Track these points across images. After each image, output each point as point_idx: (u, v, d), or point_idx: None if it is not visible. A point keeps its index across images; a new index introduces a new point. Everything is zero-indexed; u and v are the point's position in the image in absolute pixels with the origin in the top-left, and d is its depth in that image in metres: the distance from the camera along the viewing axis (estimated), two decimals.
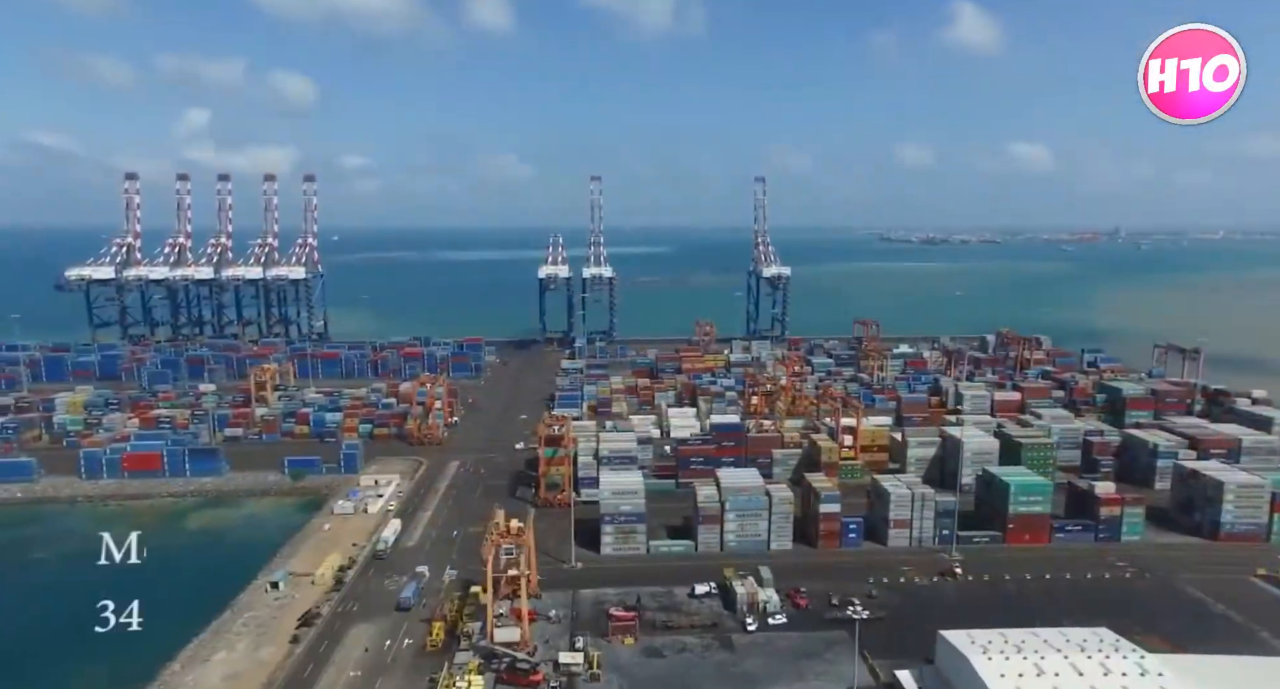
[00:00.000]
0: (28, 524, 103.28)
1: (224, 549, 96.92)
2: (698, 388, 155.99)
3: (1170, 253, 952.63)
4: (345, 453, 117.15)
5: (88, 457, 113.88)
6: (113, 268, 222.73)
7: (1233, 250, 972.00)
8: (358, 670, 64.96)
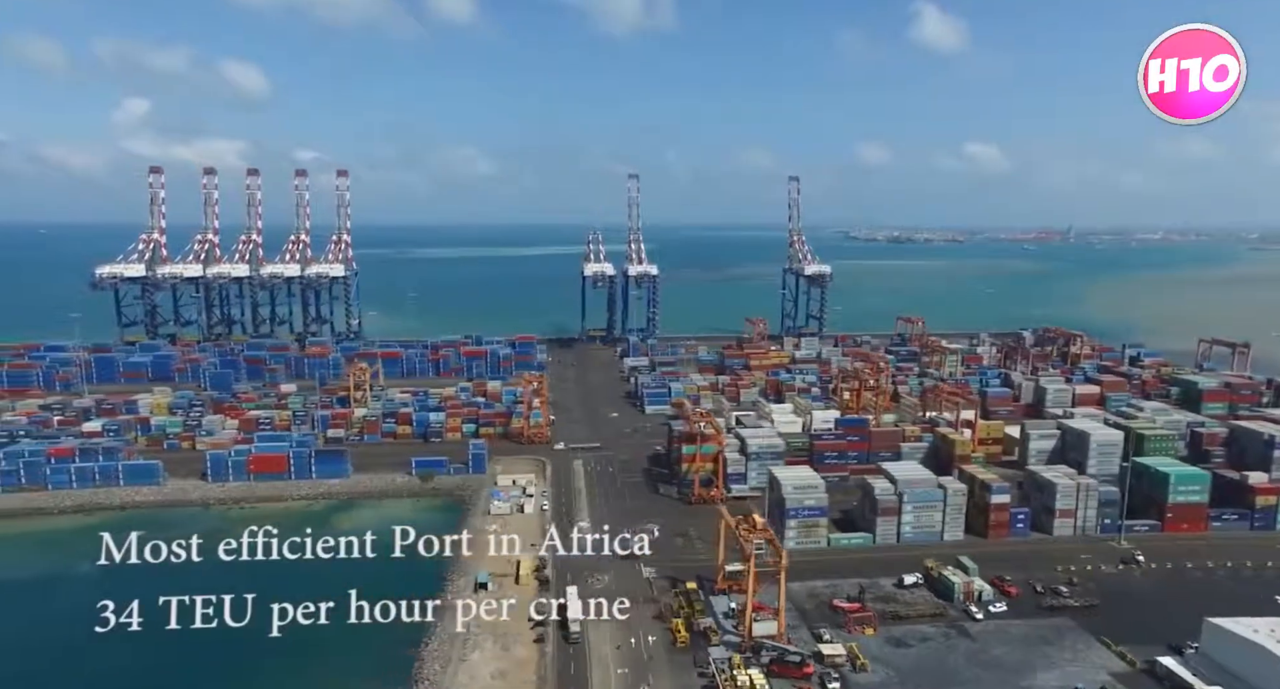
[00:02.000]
0: (172, 527, 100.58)
1: (388, 550, 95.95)
2: (783, 384, 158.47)
3: (1122, 252, 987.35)
4: (473, 453, 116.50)
5: (213, 459, 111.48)
6: (143, 265, 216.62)
7: (1176, 249, 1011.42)
8: (623, 668, 65.59)
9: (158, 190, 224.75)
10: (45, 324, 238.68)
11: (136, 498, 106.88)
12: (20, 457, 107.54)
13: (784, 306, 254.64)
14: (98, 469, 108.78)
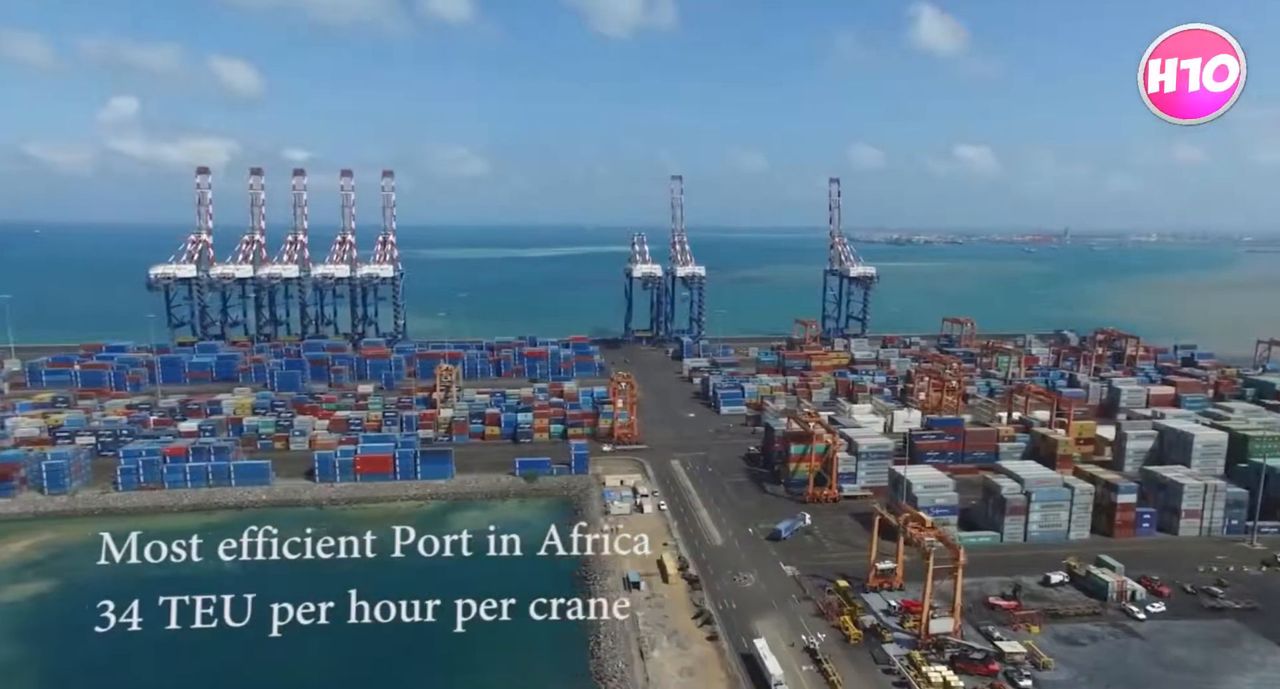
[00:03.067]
0: (295, 526, 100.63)
1: (523, 551, 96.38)
2: (854, 385, 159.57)
3: (1123, 254, 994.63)
4: (576, 454, 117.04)
5: (321, 459, 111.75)
6: (193, 266, 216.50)
7: (1175, 252, 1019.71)
8: (808, 665, 66.28)
9: (205, 191, 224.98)
10: (91, 324, 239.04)
11: (249, 498, 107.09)
12: (138, 456, 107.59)
13: (825, 308, 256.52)
14: (211, 469, 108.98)
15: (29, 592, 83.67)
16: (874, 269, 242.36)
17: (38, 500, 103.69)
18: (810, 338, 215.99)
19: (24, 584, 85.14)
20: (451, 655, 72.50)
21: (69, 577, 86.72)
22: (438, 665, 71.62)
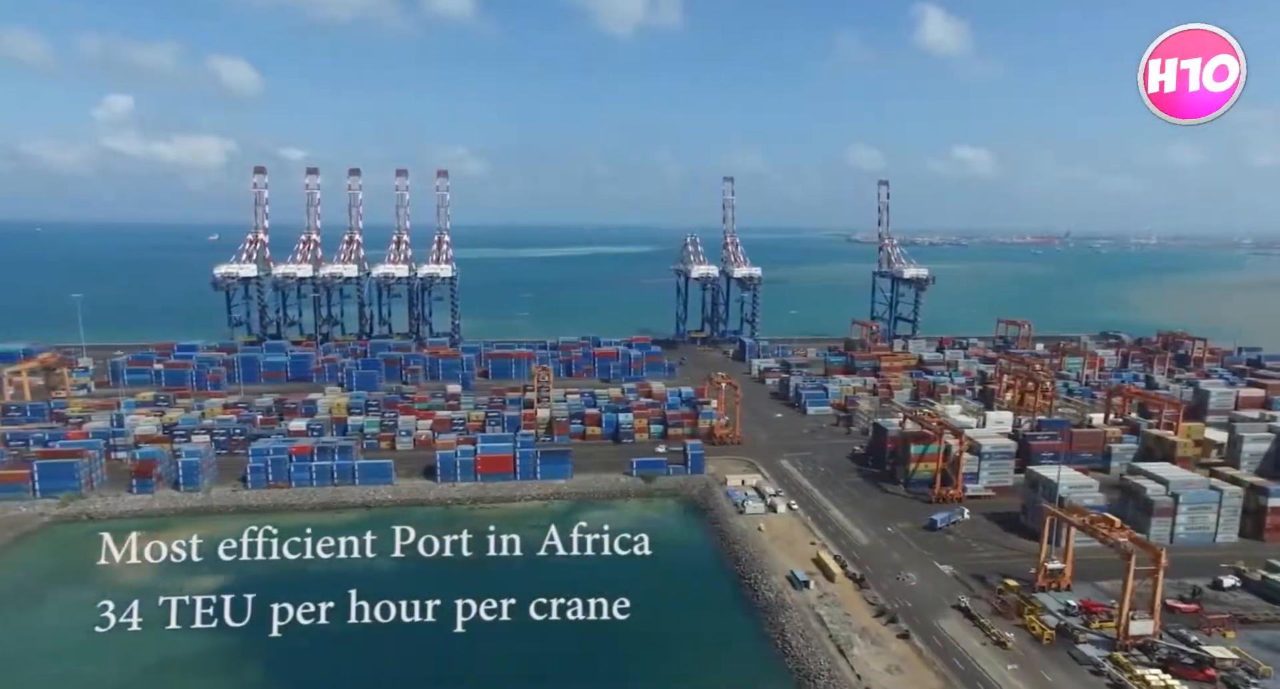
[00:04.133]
0: (439, 526, 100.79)
1: (665, 550, 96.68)
2: (935, 386, 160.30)
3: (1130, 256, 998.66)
4: (691, 454, 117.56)
5: (443, 459, 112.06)
6: (255, 265, 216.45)
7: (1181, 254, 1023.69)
8: (1012, 664, 66.75)
9: (261, 190, 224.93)
10: (129, 323, 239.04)
11: (375, 496, 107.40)
12: (266, 454, 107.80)
13: (874, 309, 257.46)
14: (336, 468, 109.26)
15: (209, 584, 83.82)
16: (927, 271, 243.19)
17: (175, 497, 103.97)
18: (871, 339, 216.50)
19: (202, 578, 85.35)
20: (639, 654, 73.08)
21: (238, 571, 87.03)
22: (623, 663, 72.03)
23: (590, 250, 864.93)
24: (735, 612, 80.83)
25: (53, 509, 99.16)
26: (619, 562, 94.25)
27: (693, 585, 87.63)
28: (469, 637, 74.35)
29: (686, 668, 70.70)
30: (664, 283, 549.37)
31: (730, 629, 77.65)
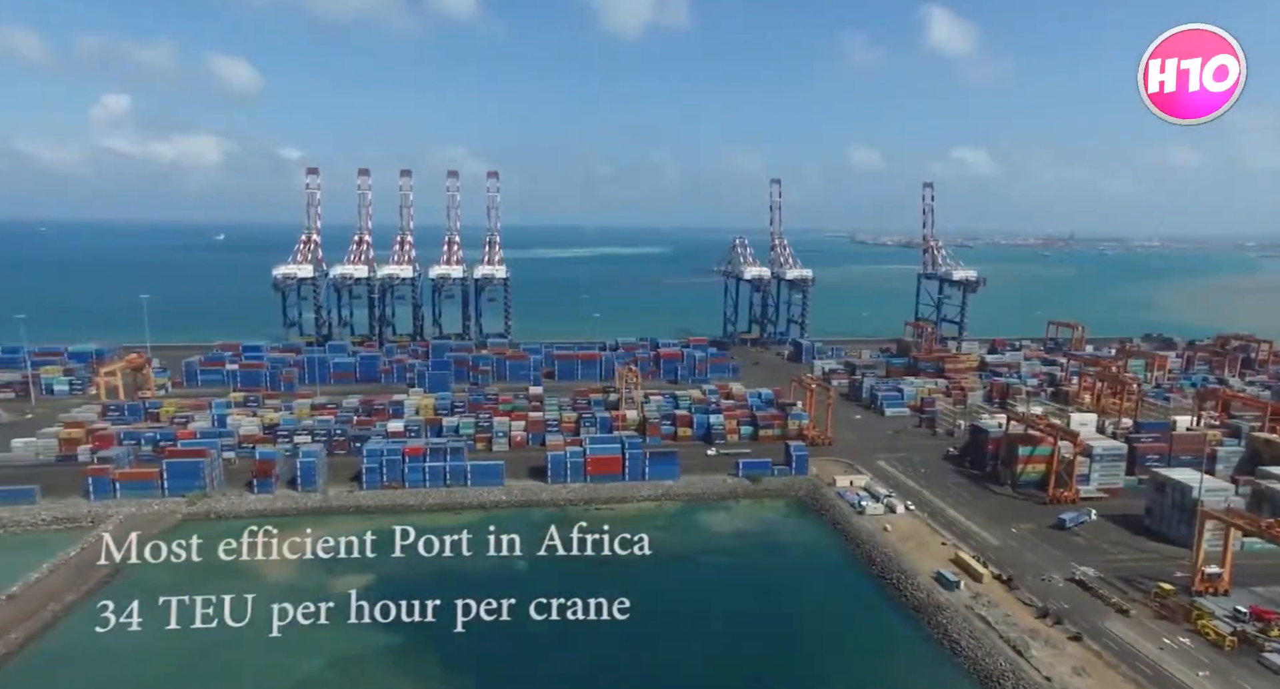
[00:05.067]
0: (565, 526, 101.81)
1: (794, 551, 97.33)
2: (1009, 388, 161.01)
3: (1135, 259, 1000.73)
4: (796, 455, 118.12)
5: (554, 459, 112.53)
6: (311, 266, 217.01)
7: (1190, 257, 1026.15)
8: (1203, 670, 66.82)
9: (314, 191, 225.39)
10: (168, 323, 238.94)
11: (489, 497, 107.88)
12: (380, 455, 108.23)
13: (918, 311, 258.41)
14: (449, 469, 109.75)
15: (358, 583, 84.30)
16: (976, 273, 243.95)
17: (294, 497, 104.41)
18: (927, 340, 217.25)
19: (348, 576, 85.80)
20: (811, 655, 73.63)
21: (377, 569, 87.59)
22: (799, 664, 72.51)
23: (599, 251, 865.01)
24: (887, 612, 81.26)
25: (182, 507, 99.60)
26: (755, 562, 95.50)
27: (835, 586, 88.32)
28: (647, 635, 75.32)
29: (859, 668, 71.20)
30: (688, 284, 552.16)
31: (887, 629, 78.12)
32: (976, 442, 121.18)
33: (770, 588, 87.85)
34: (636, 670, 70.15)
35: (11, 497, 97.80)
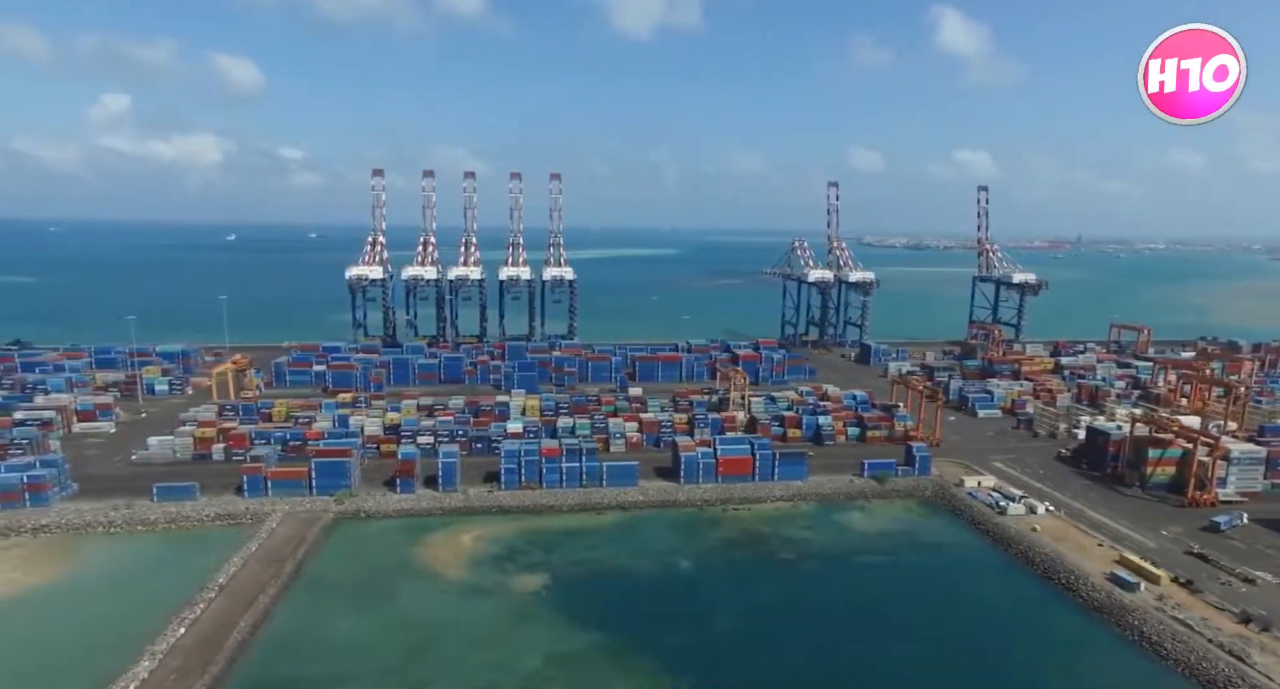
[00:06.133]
0: (710, 526, 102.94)
1: (948, 552, 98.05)
2: (1098, 390, 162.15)
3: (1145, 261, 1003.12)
4: (919, 455, 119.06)
5: (687, 460, 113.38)
6: (380, 268, 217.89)
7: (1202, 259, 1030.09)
8: None
9: (379, 192, 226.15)
10: (241, 325, 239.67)
11: (627, 498, 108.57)
12: (518, 456, 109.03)
13: (973, 312, 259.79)
14: (585, 469, 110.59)
15: (539, 582, 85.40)
16: (1034, 275, 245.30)
17: (436, 497, 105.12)
18: (994, 342, 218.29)
19: (526, 575, 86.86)
20: (1010, 652, 74.30)
21: (551, 568, 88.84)
22: (997, 659, 73.31)
23: (609, 253, 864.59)
24: (1066, 611, 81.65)
25: (332, 506, 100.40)
26: (913, 561, 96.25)
27: (1002, 586, 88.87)
28: (839, 635, 76.19)
29: (1063, 666, 71.83)
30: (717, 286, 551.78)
31: (1075, 628, 78.56)
32: (1095, 444, 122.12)
33: (940, 587, 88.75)
34: (839, 669, 70.81)
35: (175, 493, 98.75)
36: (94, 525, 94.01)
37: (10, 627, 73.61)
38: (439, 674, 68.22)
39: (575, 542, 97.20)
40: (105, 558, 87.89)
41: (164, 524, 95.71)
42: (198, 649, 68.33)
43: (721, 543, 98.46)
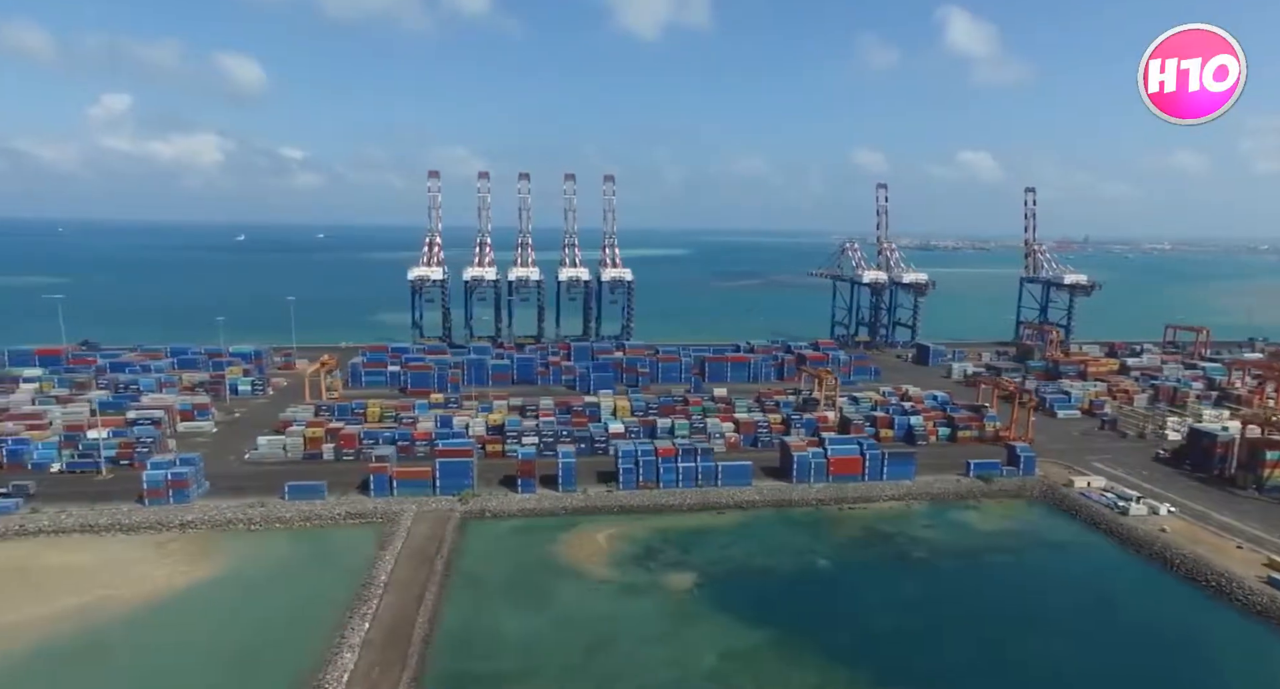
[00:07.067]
0: (833, 525, 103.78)
1: (1081, 552, 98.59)
2: (1177, 391, 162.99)
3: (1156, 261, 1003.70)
4: (1024, 456, 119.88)
5: (799, 460, 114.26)
6: (440, 269, 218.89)
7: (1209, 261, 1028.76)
8: None
9: (435, 194, 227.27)
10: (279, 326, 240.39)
11: (743, 497, 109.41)
12: (634, 455, 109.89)
13: (1020, 313, 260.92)
14: (700, 468, 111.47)
15: (687, 581, 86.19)
16: (1085, 277, 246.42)
17: (557, 496, 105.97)
18: (1052, 344, 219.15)
19: (672, 573, 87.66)
20: None
21: (693, 565, 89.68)
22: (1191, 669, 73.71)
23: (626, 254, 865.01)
24: (1224, 615, 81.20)
25: (457, 506, 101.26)
26: (1042, 561, 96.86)
27: (1147, 587, 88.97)
28: (999, 635, 76.89)
29: (1250, 670, 72.24)
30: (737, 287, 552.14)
31: (1245, 632, 78.53)
32: (1200, 445, 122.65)
33: (1081, 587, 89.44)
34: (1010, 668, 71.38)
35: (306, 492, 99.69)
36: (235, 522, 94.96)
37: (196, 615, 75.32)
38: (621, 671, 68.96)
39: (707, 540, 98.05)
40: (256, 553, 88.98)
41: (299, 522, 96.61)
42: (387, 644, 69.21)
43: (850, 541, 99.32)
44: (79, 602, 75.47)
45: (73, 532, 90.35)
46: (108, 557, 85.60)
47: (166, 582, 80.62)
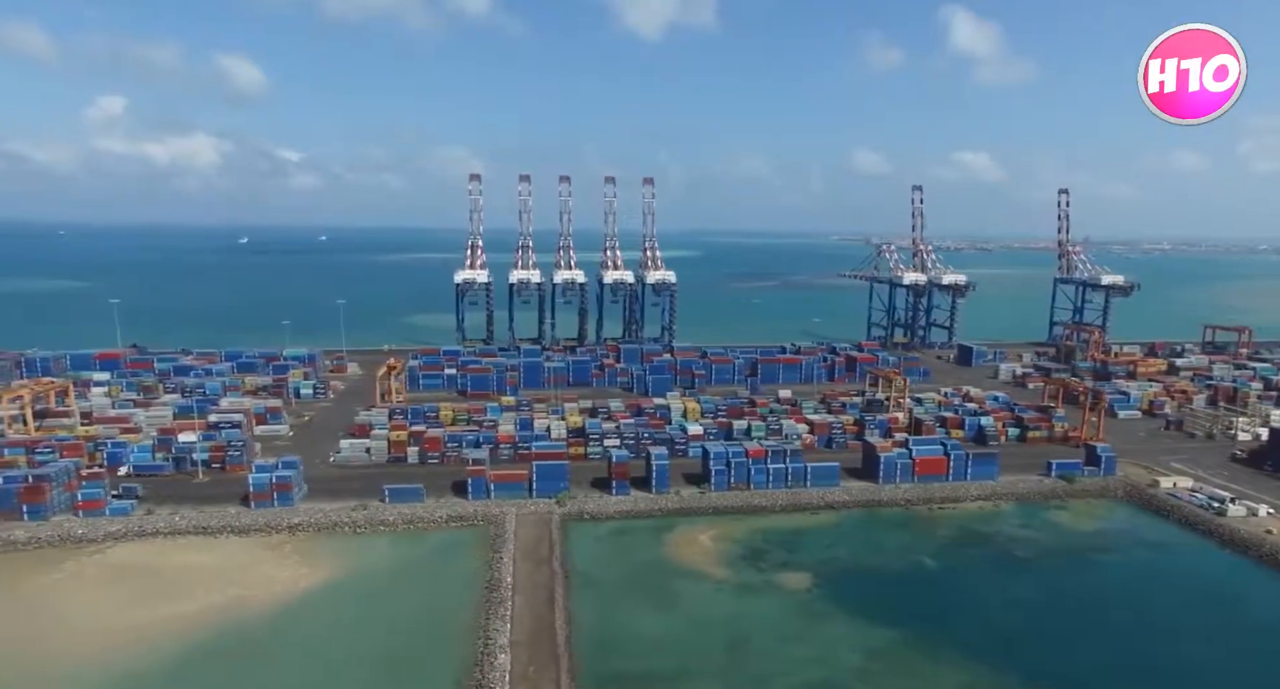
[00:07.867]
0: (928, 525, 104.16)
1: (1181, 552, 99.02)
2: (1238, 392, 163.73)
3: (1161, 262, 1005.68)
4: (1105, 456, 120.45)
5: (886, 461, 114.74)
6: (485, 272, 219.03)
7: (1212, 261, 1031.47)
8: None
9: (477, 197, 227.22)
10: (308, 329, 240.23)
11: (833, 498, 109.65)
12: (725, 457, 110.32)
13: (1053, 314, 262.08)
14: (790, 470, 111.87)
15: (803, 581, 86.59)
16: (1122, 277, 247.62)
17: (651, 498, 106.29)
18: (1094, 345, 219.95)
19: (784, 573, 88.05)
20: None
21: (802, 565, 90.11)
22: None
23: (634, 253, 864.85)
24: None
25: (555, 508, 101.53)
26: (1149, 561, 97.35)
27: (1266, 591, 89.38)
28: (1129, 634, 77.10)
29: None
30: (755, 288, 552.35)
31: None
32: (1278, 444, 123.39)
33: (1195, 587, 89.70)
34: (1146, 669, 71.69)
35: (405, 495, 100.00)
36: (340, 525, 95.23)
37: (331, 616, 75.80)
38: (771, 669, 69.34)
39: (808, 541, 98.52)
40: (369, 555, 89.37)
41: (402, 525, 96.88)
42: (533, 644, 69.58)
43: (949, 541, 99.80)
44: (215, 601, 75.93)
45: (187, 533, 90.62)
46: (227, 558, 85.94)
47: (293, 583, 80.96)
